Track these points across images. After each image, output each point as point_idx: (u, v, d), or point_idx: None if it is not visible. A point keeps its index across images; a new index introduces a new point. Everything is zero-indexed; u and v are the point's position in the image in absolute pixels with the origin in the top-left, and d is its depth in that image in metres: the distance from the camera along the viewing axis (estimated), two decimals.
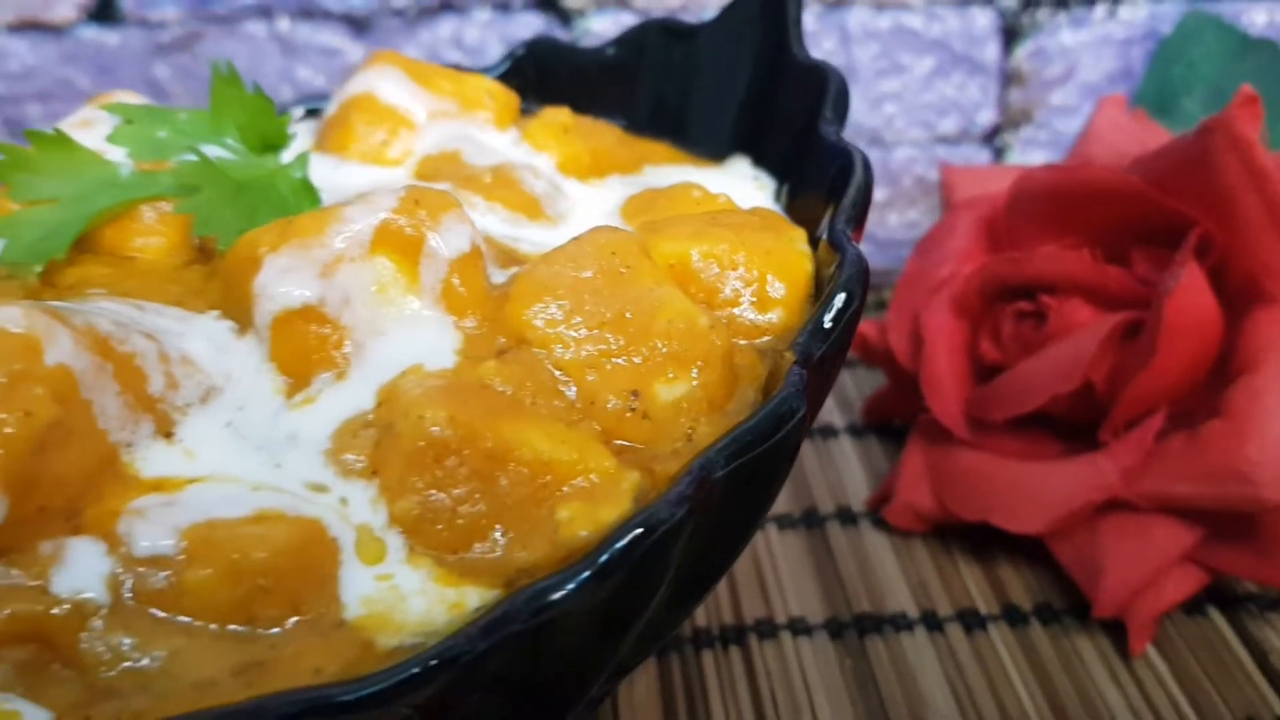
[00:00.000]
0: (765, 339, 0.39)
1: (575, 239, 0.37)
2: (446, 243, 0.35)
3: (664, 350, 0.35)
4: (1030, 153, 0.73)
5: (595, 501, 0.32)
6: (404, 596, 0.30)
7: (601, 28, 0.70)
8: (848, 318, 0.37)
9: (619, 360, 0.35)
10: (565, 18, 0.69)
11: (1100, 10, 0.70)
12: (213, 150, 0.41)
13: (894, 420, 0.62)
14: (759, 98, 0.51)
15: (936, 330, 0.53)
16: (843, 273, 0.38)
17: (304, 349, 0.34)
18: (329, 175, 0.43)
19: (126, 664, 0.28)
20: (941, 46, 0.70)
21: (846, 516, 0.57)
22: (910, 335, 0.55)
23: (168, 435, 0.32)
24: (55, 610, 0.28)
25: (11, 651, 0.28)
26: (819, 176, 0.44)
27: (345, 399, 0.34)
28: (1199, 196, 0.49)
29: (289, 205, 0.39)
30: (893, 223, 0.76)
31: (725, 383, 0.36)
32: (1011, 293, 0.52)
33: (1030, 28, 0.70)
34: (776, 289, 0.39)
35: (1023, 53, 0.71)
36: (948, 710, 0.47)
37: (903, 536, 0.56)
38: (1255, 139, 0.47)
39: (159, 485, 0.31)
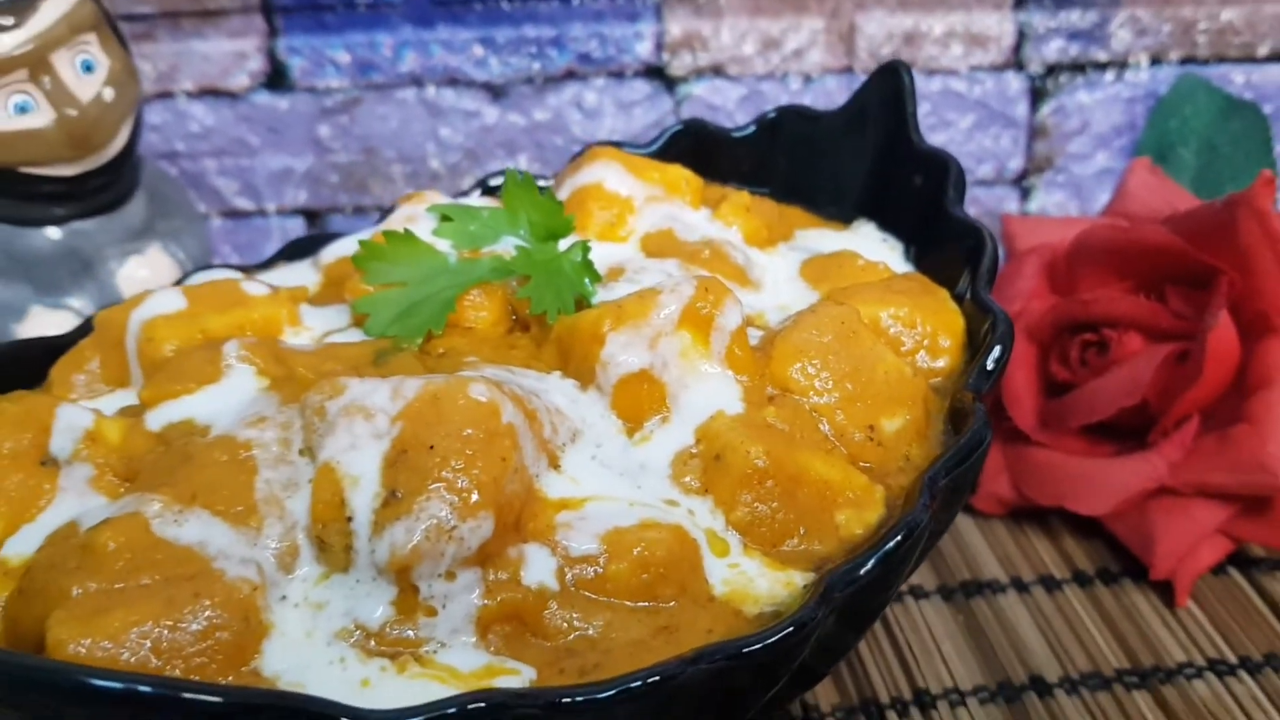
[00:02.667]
0: (937, 379, 0.52)
1: (811, 311, 0.49)
2: (728, 320, 0.48)
3: (885, 394, 0.48)
4: (1051, 192, 0.87)
5: (861, 508, 0.45)
6: (751, 579, 0.43)
7: (700, 92, 0.82)
8: (1004, 363, 0.50)
9: (857, 403, 0.48)
10: (670, 84, 0.81)
11: (1110, 74, 0.84)
12: (511, 240, 0.53)
13: None
14: (882, 174, 0.64)
15: (1015, 355, 0.67)
16: (997, 329, 0.51)
17: (638, 401, 0.46)
18: None
19: (577, 633, 0.40)
20: (981, 105, 0.84)
21: None
22: None
23: (556, 467, 0.44)
24: (527, 596, 0.40)
25: (501, 627, 0.40)
26: (951, 247, 0.57)
27: (673, 437, 0.46)
28: (1224, 251, 0.63)
29: (576, 283, 0.51)
30: None
31: (926, 416, 0.49)
32: (1077, 326, 0.66)
33: (1054, 90, 0.84)
34: (944, 341, 0.52)
35: (1047, 110, 0.85)
36: (1043, 652, 0.61)
37: (985, 518, 0.69)
38: (1271, 210, 0.61)
39: (564, 504, 0.43)
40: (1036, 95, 0.84)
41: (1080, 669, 0.60)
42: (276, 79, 0.78)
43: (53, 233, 0.65)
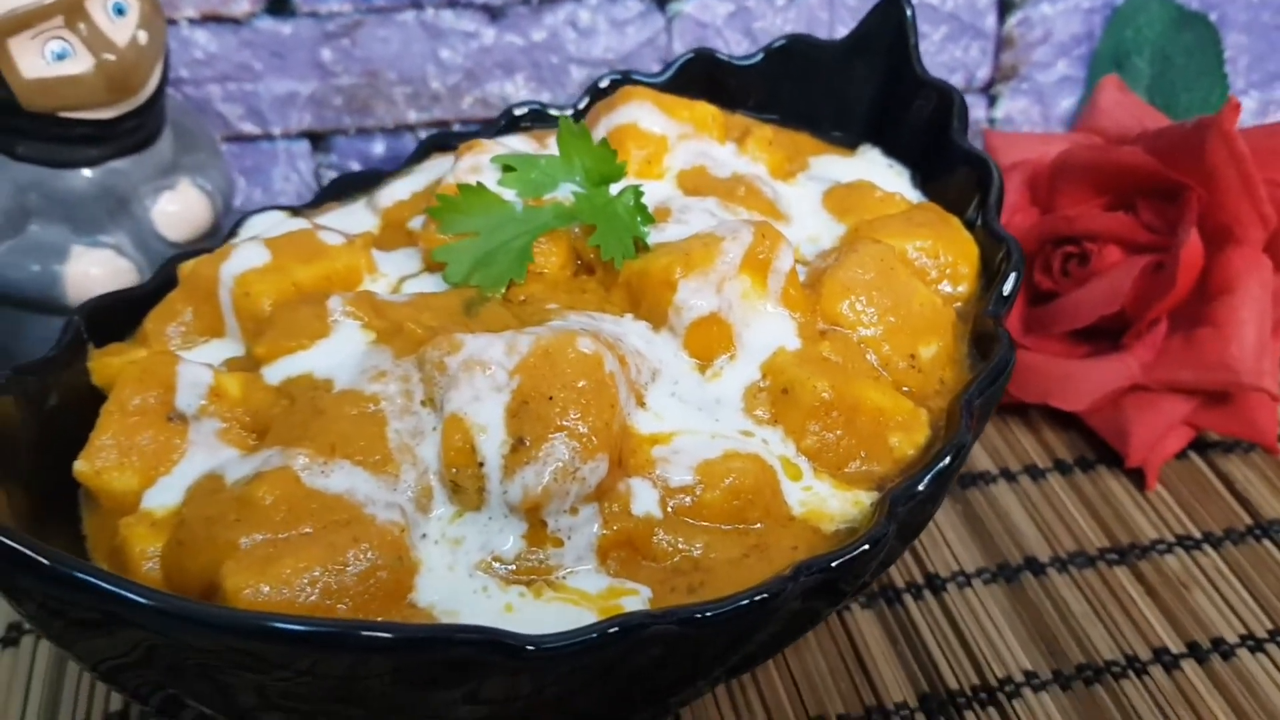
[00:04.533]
0: (958, 304, 0.58)
1: (853, 250, 0.54)
2: (782, 262, 0.52)
3: (921, 324, 0.54)
4: (1016, 99, 0.93)
5: (910, 430, 0.51)
6: (824, 499, 0.48)
7: (690, 10, 0.85)
8: (1018, 288, 0.56)
9: (899, 334, 0.53)
10: (661, 2, 0.84)
11: None
12: (568, 186, 0.56)
13: None
14: (885, 103, 0.68)
15: None
16: (1011, 257, 0.57)
17: (708, 341, 0.51)
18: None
19: (681, 554, 0.46)
20: (953, 18, 0.88)
21: None
22: None
23: (643, 405, 0.49)
24: (637, 525, 0.45)
25: (617, 553, 0.45)
26: (958, 175, 0.63)
27: (741, 373, 0.51)
28: (1192, 169, 0.69)
29: (632, 226, 0.55)
30: None
31: (954, 341, 0.55)
32: (1060, 239, 0.72)
33: (1020, 3, 0.89)
34: (962, 269, 0.58)
35: (1013, 21, 0.90)
36: (1033, 535, 0.68)
37: None
38: (1235, 132, 0.67)
39: (654, 439, 0.48)
40: (1004, 8, 0.89)
41: (1067, 549, 0.67)
42: (278, 4, 0.79)
43: (88, 173, 0.67)
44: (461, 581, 0.44)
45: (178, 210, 0.70)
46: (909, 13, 0.67)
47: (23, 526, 0.43)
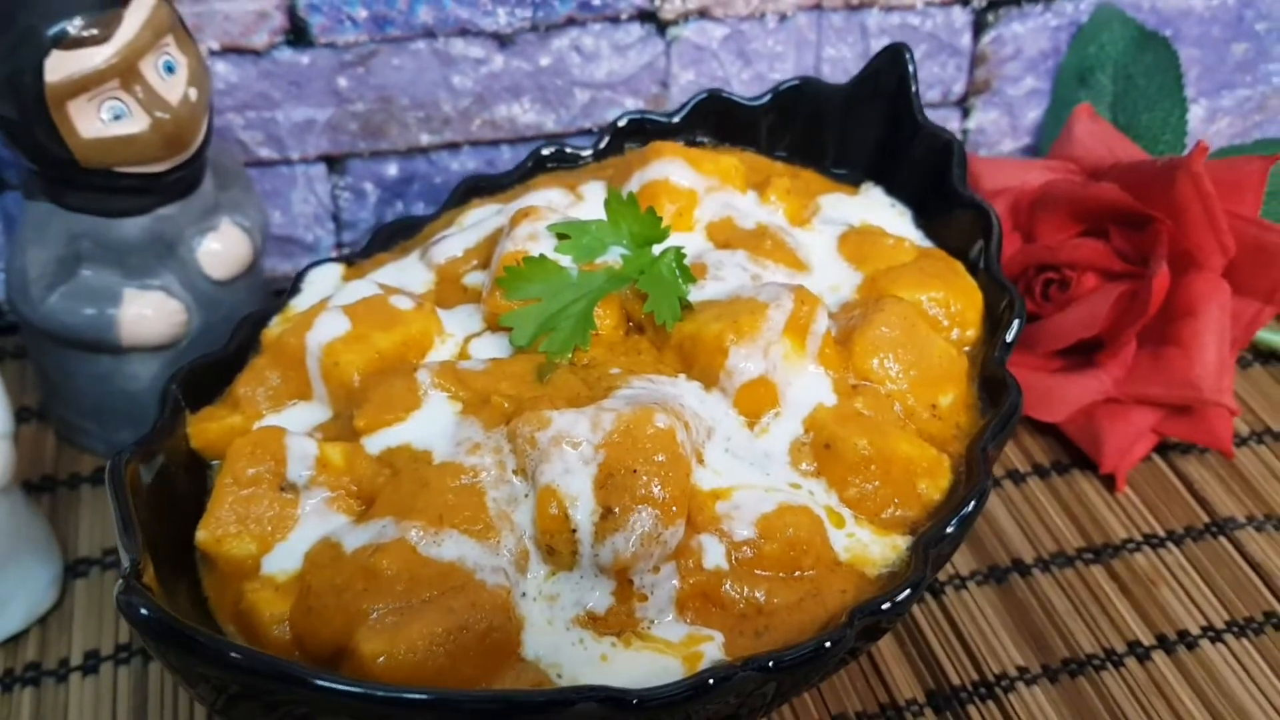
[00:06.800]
0: (966, 349, 0.64)
1: (880, 309, 0.60)
2: (819, 325, 0.58)
3: (940, 374, 0.60)
4: (988, 111, 0.99)
5: (935, 476, 0.57)
6: (866, 545, 0.55)
7: (688, 34, 0.89)
8: (1020, 334, 0.62)
9: (922, 386, 0.59)
10: (661, 27, 0.89)
11: (1040, 6, 0.95)
12: (616, 249, 0.61)
13: None
14: (887, 146, 0.74)
15: None
16: (1014, 307, 0.63)
17: (756, 400, 0.56)
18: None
19: (746, 602, 0.52)
20: (932, 37, 0.94)
21: None
22: None
23: (701, 462, 0.55)
24: (709, 577, 0.51)
25: (693, 603, 0.51)
26: (959, 220, 0.69)
27: (786, 428, 0.57)
28: (1161, 202, 0.76)
29: (674, 286, 0.60)
30: None
31: (968, 386, 0.61)
32: (1042, 266, 0.79)
33: (993, 22, 0.95)
34: (969, 316, 0.64)
35: (986, 40, 0.95)
36: (1015, 533, 0.75)
37: None
38: (1203, 171, 0.74)
39: (716, 495, 0.54)
40: (978, 27, 0.94)
41: (1049, 550, 0.75)
42: (298, 36, 0.82)
43: (140, 221, 0.70)
44: (560, 635, 0.50)
45: (221, 249, 0.73)
46: (910, 64, 0.73)
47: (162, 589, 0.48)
